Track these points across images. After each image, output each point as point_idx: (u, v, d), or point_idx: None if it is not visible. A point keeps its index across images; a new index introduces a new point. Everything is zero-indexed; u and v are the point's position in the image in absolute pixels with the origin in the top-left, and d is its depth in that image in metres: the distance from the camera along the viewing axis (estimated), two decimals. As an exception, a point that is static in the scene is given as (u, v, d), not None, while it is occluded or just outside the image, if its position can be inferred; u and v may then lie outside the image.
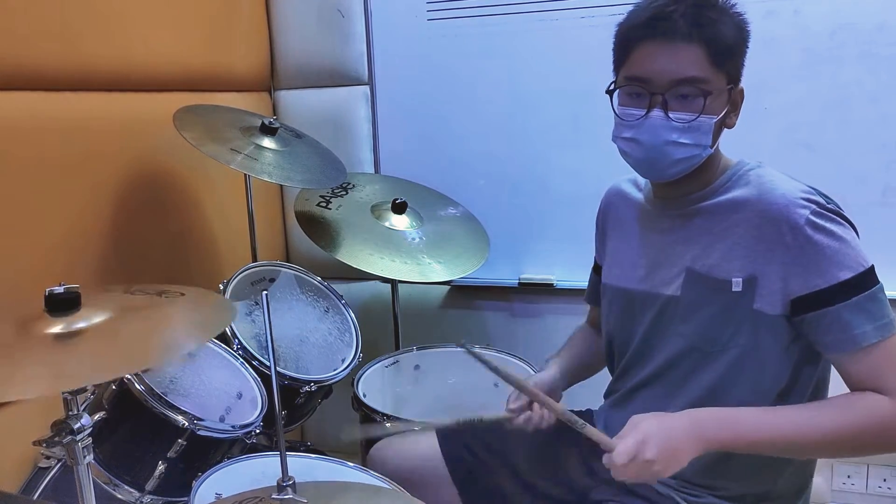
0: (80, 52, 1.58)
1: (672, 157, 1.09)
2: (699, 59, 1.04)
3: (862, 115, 1.80)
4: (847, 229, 1.06)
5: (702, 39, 1.04)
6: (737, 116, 1.14)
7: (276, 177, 1.68)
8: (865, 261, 1.04)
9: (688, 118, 1.06)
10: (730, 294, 1.09)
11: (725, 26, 1.06)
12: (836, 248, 1.03)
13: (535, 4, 2.01)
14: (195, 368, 1.54)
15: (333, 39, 2.21)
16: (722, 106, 1.09)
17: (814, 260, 1.03)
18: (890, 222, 1.82)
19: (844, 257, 1.02)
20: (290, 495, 0.98)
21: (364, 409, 1.63)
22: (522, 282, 2.15)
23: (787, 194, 1.06)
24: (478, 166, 2.15)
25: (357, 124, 2.25)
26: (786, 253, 1.05)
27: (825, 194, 1.10)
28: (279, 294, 1.83)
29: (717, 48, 1.05)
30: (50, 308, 0.95)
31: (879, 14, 1.75)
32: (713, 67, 1.05)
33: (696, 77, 1.05)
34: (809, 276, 1.03)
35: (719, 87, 1.07)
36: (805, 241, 1.03)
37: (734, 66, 1.09)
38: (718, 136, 1.13)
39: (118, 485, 1.31)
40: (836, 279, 1.02)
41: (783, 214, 1.05)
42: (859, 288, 1.02)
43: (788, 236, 1.04)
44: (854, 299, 1.02)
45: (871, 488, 1.99)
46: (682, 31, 1.04)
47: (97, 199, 1.63)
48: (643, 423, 1.02)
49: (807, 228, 1.03)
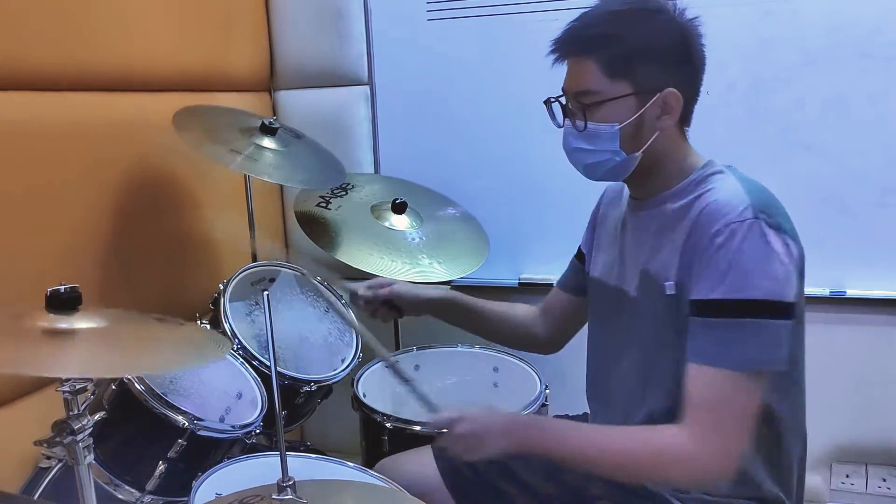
0: (80, 52, 1.58)
1: (583, 163, 1.18)
2: (593, 72, 1.11)
3: (860, 115, 1.80)
4: (769, 253, 1.02)
5: (594, 53, 1.11)
6: (673, 118, 1.14)
7: (276, 177, 1.68)
8: (760, 291, 1.01)
9: (581, 126, 1.14)
10: (666, 297, 1.12)
11: (620, 38, 1.10)
12: (731, 266, 1.02)
13: (535, 4, 2.01)
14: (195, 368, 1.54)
15: (333, 40, 2.21)
16: (629, 112, 1.12)
17: (710, 270, 1.04)
18: (889, 222, 1.82)
19: (735, 278, 1.02)
20: (290, 495, 0.98)
21: (364, 409, 1.63)
22: (522, 282, 2.16)
23: (719, 202, 1.07)
24: (478, 166, 2.15)
25: (357, 124, 2.25)
26: (699, 258, 1.06)
27: (771, 210, 1.06)
28: (279, 294, 1.83)
29: (612, 60, 1.10)
30: (50, 307, 0.95)
31: (877, 15, 1.75)
32: (608, 78, 1.11)
33: (589, 90, 1.12)
34: (702, 283, 1.05)
35: (618, 95, 1.11)
36: (712, 249, 1.04)
37: (642, 73, 1.11)
38: (642, 140, 1.14)
39: (119, 485, 1.31)
40: (715, 294, 1.03)
41: (706, 221, 1.06)
42: (728, 312, 1.02)
43: (704, 242, 1.06)
44: (720, 320, 1.03)
45: (870, 488, 1.99)
46: (577, 47, 1.13)
47: (97, 199, 1.63)
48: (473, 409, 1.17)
49: (716, 238, 1.04)
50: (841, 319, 1.92)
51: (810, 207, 1.87)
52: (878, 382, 1.92)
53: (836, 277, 1.88)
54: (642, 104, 1.12)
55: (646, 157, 1.15)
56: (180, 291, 1.88)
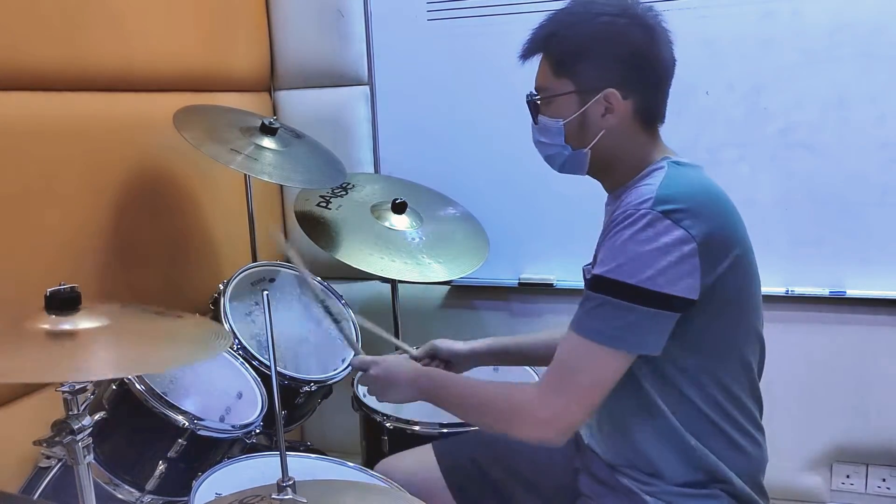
0: (80, 52, 1.58)
1: (543, 154, 1.27)
2: (544, 69, 1.20)
3: (861, 115, 1.80)
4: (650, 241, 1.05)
5: (544, 52, 1.19)
6: (618, 117, 1.16)
7: (276, 177, 1.68)
8: (627, 275, 1.05)
9: (535, 121, 1.23)
10: (587, 281, 1.17)
11: (565, 38, 1.17)
12: (613, 247, 1.08)
13: (536, 4, 2.00)
14: (195, 368, 1.54)
15: (333, 40, 2.21)
16: (573, 108, 1.17)
17: (602, 250, 1.12)
18: (889, 222, 1.82)
19: (613, 259, 1.07)
20: (290, 495, 0.98)
21: (364, 409, 1.63)
22: (522, 282, 2.15)
23: (633, 193, 1.12)
24: (478, 166, 2.15)
25: (357, 124, 2.25)
26: (603, 242, 1.13)
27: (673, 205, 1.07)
28: (279, 294, 1.83)
29: (557, 58, 1.18)
30: (50, 308, 0.95)
31: (878, 14, 1.75)
32: (555, 76, 1.18)
33: (540, 86, 1.21)
34: (597, 262, 1.13)
35: (561, 92, 1.17)
36: (609, 233, 1.11)
37: (582, 72, 1.16)
38: (588, 137, 1.18)
39: (118, 484, 1.31)
40: (596, 270, 1.11)
41: (617, 210, 1.12)
42: (600, 288, 1.08)
43: (609, 227, 1.12)
44: (592, 293, 1.09)
45: (870, 488, 1.99)
46: (532, 47, 1.21)
47: (97, 199, 1.63)
48: (391, 357, 1.37)
49: (614, 222, 1.10)
50: (841, 319, 1.92)
51: (810, 207, 1.88)
52: (878, 382, 1.92)
53: (836, 277, 1.88)
54: (584, 102, 1.17)
55: (599, 153, 1.19)
56: (180, 291, 1.88)
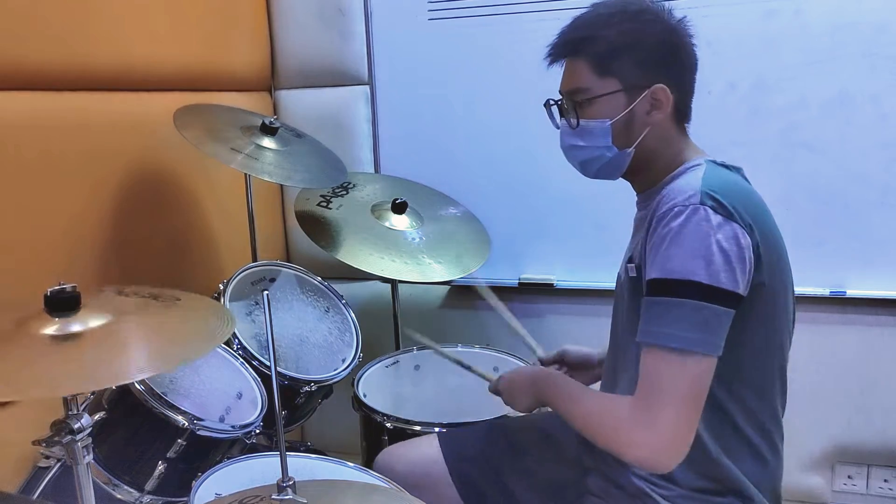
0: (80, 52, 1.58)
1: (578, 160, 1.24)
2: (583, 70, 1.18)
3: (862, 115, 1.80)
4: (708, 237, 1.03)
5: (584, 53, 1.17)
6: (664, 113, 1.17)
7: (277, 176, 1.68)
8: (691, 272, 1.02)
9: (574, 123, 1.20)
10: (630, 280, 1.17)
11: (607, 37, 1.15)
12: (669, 246, 1.05)
13: (536, 4, 2.00)
14: (195, 368, 1.54)
15: (334, 39, 2.21)
16: (619, 108, 1.16)
17: (653, 251, 1.08)
18: (890, 222, 1.82)
19: (670, 258, 1.04)
20: (290, 495, 0.98)
21: (364, 409, 1.63)
22: (522, 282, 2.15)
23: (675, 189, 1.11)
24: (478, 166, 2.14)
25: (357, 124, 2.25)
26: (650, 241, 1.10)
27: (722, 200, 1.06)
28: (279, 294, 1.83)
29: (599, 58, 1.16)
30: (50, 309, 0.95)
31: (880, 14, 1.75)
32: (598, 76, 1.16)
33: (581, 87, 1.18)
34: (650, 264, 1.09)
35: (607, 91, 1.16)
36: (657, 231, 1.08)
37: (628, 70, 1.15)
38: (634, 135, 1.18)
39: (118, 485, 1.31)
40: (652, 274, 1.07)
41: (659, 206, 1.10)
42: (664, 291, 1.05)
43: (654, 225, 1.09)
44: (656, 298, 1.06)
45: (871, 489, 1.99)
46: (568, 49, 1.20)
47: (97, 198, 1.63)
48: (506, 372, 1.39)
49: (661, 220, 1.07)
50: (841, 319, 1.92)
51: (811, 207, 1.87)
52: (879, 383, 1.92)
53: (837, 277, 1.88)
54: (632, 100, 1.16)
55: (639, 153, 1.19)
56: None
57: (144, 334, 1.00)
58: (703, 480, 1.15)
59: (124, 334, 0.97)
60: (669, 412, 1.04)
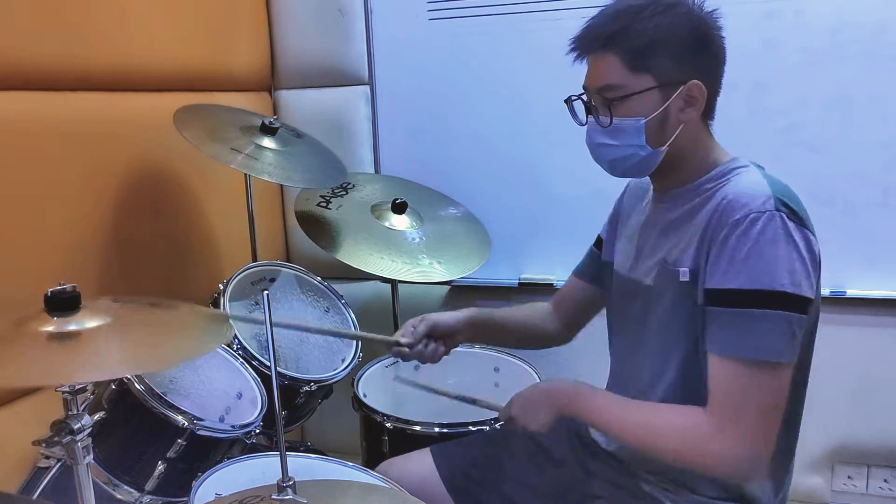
0: (80, 52, 1.58)
1: (607, 158, 1.18)
2: (615, 66, 1.11)
3: (863, 115, 1.80)
4: (789, 245, 1.02)
5: (615, 48, 1.11)
6: (697, 110, 1.13)
7: (277, 176, 1.68)
8: (778, 283, 1.01)
9: (606, 122, 1.13)
10: (680, 284, 1.13)
11: (640, 31, 1.09)
12: (750, 255, 1.02)
13: (536, 4, 2.00)
14: (195, 368, 1.54)
15: (334, 39, 2.21)
16: (654, 106, 1.11)
17: (727, 259, 1.04)
18: (890, 222, 1.82)
19: (754, 268, 1.02)
20: (290, 495, 0.97)
21: (364, 409, 1.63)
22: (522, 282, 2.15)
23: (742, 192, 1.07)
24: (478, 166, 2.14)
25: (357, 124, 2.25)
26: (717, 247, 1.06)
27: (792, 206, 1.06)
28: (279, 294, 1.83)
29: (632, 53, 1.10)
30: (50, 309, 0.94)
31: (880, 14, 1.75)
32: (631, 72, 1.11)
33: (612, 84, 1.12)
34: (719, 272, 1.05)
35: (641, 88, 1.11)
36: (731, 238, 1.04)
37: (663, 66, 1.10)
38: (667, 134, 1.13)
39: (118, 485, 1.31)
40: (733, 284, 1.03)
41: (727, 210, 1.06)
42: (751, 302, 1.02)
43: (721, 232, 1.06)
44: (740, 310, 1.03)
45: (871, 489, 1.98)
46: (598, 43, 1.13)
47: (97, 198, 1.63)
48: (517, 393, 1.27)
49: (736, 227, 1.04)
50: (841, 320, 1.92)
51: (812, 207, 1.84)
52: (879, 383, 1.91)
53: (837, 277, 1.88)
54: (666, 97, 1.11)
55: (670, 151, 1.15)
56: (181, 291, 1.88)
57: (144, 333, 1.00)
58: (720, 491, 1.14)
59: (124, 333, 0.97)
60: (758, 424, 1.02)
